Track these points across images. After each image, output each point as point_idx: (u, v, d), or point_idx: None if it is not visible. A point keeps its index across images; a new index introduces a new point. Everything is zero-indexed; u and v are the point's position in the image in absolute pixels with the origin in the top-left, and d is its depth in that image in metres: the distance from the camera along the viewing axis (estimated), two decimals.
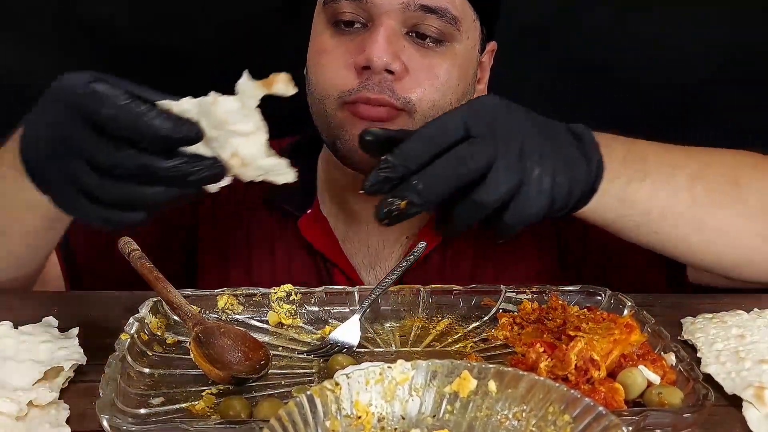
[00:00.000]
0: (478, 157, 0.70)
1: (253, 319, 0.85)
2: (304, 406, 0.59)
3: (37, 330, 0.81)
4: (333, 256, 1.06)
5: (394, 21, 0.93)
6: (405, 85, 0.94)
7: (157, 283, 0.82)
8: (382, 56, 0.92)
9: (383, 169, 0.69)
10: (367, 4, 0.93)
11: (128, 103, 0.64)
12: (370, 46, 0.92)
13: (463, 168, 0.69)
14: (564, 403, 0.60)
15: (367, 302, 0.84)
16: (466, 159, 0.70)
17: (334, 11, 0.96)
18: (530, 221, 0.73)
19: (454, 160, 0.70)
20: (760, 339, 0.79)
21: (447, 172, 0.69)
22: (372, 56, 0.92)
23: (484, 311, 0.87)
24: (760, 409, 0.70)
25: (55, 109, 0.67)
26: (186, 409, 0.70)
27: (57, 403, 0.70)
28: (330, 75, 0.96)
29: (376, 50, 0.92)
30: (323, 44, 0.98)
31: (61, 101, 0.67)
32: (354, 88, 0.94)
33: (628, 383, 0.69)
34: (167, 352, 0.79)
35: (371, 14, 0.94)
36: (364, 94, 0.93)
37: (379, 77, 0.93)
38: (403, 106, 0.94)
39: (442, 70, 0.96)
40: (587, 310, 0.83)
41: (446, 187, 0.69)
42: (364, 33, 0.95)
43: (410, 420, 0.63)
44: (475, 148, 0.70)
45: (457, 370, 0.64)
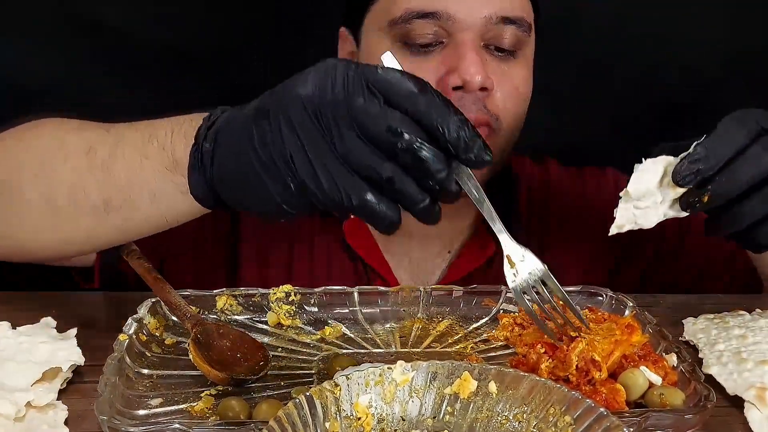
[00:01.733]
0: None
1: (253, 320, 0.85)
2: (304, 407, 0.59)
3: (35, 331, 0.80)
4: (374, 263, 1.04)
5: (474, 35, 0.91)
6: (493, 100, 0.93)
7: (156, 283, 0.82)
8: (477, 75, 0.90)
9: (696, 161, 0.71)
10: (449, 21, 0.91)
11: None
12: (463, 65, 0.90)
13: (761, 167, 0.72)
14: (565, 405, 0.60)
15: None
16: (762, 159, 0.71)
17: (407, 32, 0.92)
18: None
19: (753, 159, 0.72)
20: (762, 339, 0.79)
21: (747, 170, 0.72)
22: (467, 75, 0.90)
23: (484, 312, 0.87)
24: (762, 410, 0.70)
25: (331, 75, 0.62)
26: (185, 410, 0.69)
27: (55, 404, 0.70)
28: None
29: (471, 69, 0.89)
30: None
31: (339, 73, 0.61)
32: None
33: (630, 384, 0.69)
34: (166, 353, 0.79)
35: (450, 31, 0.91)
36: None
37: (473, 96, 0.91)
38: (493, 122, 0.93)
39: (521, 80, 0.96)
40: (588, 310, 0.82)
41: (745, 184, 0.72)
42: (443, 50, 0.93)
43: (410, 421, 0.63)
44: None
45: (458, 371, 0.64)
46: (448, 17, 0.90)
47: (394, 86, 0.60)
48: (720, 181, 0.72)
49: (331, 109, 0.60)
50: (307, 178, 0.61)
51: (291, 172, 0.62)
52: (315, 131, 0.61)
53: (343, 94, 0.60)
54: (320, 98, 0.61)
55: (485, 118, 0.93)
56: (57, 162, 0.77)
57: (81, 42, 1.30)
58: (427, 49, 0.93)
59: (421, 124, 0.60)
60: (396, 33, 0.93)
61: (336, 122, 0.60)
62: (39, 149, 0.80)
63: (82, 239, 0.81)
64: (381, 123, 0.59)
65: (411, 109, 0.60)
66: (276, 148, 0.62)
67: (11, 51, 1.29)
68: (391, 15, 0.93)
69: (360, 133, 0.60)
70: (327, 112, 0.60)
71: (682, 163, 0.71)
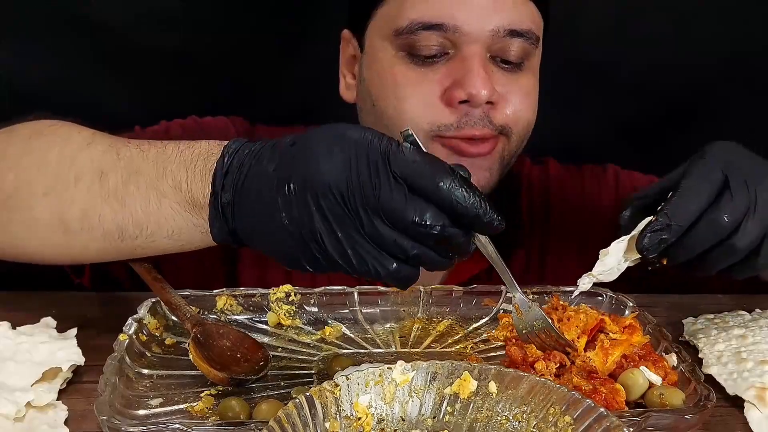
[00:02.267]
0: (737, 212, 0.72)
1: (253, 320, 0.85)
2: (304, 407, 0.59)
3: (35, 331, 0.80)
4: None
5: (481, 48, 0.90)
6: (500, 111, 0.92)
7: (156, 283, 0.82)
8: (483, 89, 0.89)
9: (659, 231, 0.71)
10: (455, 33, 0.89)
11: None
12: (470, 80, 0.89)
13: (724, 227, 0.72)
14: (565, 405, 0.60)
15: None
16: (725, 217, 0.71)
17: (412, 43, 0.91)
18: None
19: (711, 225, 0.72)
20: (761, 339, 0.79)
21: (710, 232, 0.72)
22: (473, 90, 0.89)
23: (484, 312, 0.87)
24: (761, 410, 0.70)
25: (355, 160, 0.64)
26: (185, 411, 0.69)
27: (55, 404, 0.70)
28: (419, 109, 0.92)
29: (478, 84, 0.89)
30: (403, 77, 0.93)
31: (362, 155, 0.63)
32: (452, 123, 0.91)
33: (630, 384, 0.69)
34: (166, 353, 0.79)
35: (457, 43, 0.90)
36: (467, 132, 0.91)
37: (480, 110, 0.91)
38: (501, 131, 0.93)
39: (529, 88, 0.95)
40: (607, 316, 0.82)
41: (708, 243, 0.72)
42: (448, 61, 0.92)
43: (410, 421, 0.63)
44: (734, 204, 0.72)
45: (458, 371, 0.64)
46: (454, 29, 0.89)
47: (417, 173, 0.63)
48: (678, 248, 0.73)
49: (359, 197, 0.63)
50: (338, 257, 0.64)
51: (320, 248, 0.64)
52: (344, 215, 0.63)
53: (369, 185, 0.62)
54: (347, 185, 0.63)
55: (490, 133, 0.92)
56: (68, 182, 0.77)
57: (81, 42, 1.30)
58: (433, 60, 0.92)
59: (442, 207, 0.63)
60: (401, 43, 0.92)
61: (364, 209, 0.63)
62: (50, 164, 0.79)
63: (93, 257, 0.81)
64: (408, 215, 0.62)
65: (434, 197, 0.63)
66: (305, 227, 0.64)
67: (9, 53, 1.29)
68: (396, 24, 0.92)
69: (387, 221, 0.63)
70: (354, 200, 0.63)
71: (645, 235, 0.72)
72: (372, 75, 0.96)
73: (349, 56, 1.02)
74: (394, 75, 0.93)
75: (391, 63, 0.94)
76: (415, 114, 0.92)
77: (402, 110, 0.93)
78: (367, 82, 0.97)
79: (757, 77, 1.35)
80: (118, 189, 0.74)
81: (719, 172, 0.73)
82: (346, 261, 0.64)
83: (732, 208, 0.72)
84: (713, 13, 1.32)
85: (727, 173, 0.73)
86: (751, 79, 1.35)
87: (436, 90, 0.91)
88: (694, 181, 0.73)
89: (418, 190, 0.63)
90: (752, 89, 1.35)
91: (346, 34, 1.02)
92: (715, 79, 1.34)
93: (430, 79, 0.92)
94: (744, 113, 1.35)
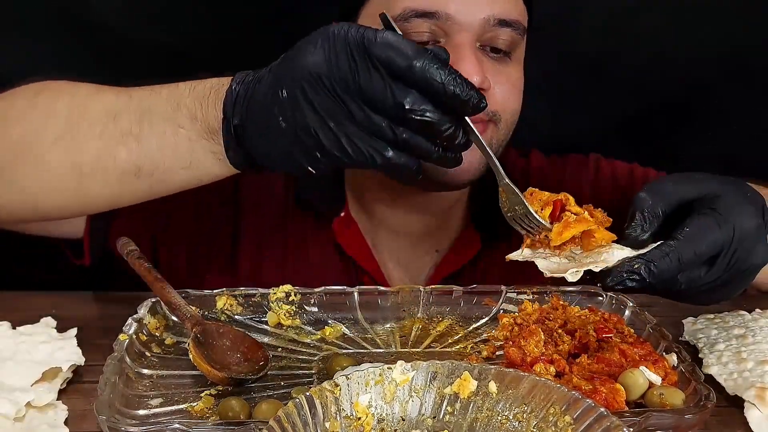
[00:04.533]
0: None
1: (253, 320, 0.85)
2: (304, 407, 0.59)
3: (35, 330, 0.80)
4: (364, 261, 1.05)
5: (471, 36, 0.91)
6: (491, 97, 0.92)
7: (156, 283, 0.82)
8: (476, 76, 0.88)
9: (633, 279, 0.68)
10: (447, 21, 0.90)
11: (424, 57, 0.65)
12: (461, 66, 0.88)
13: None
14: (565, 404, 0.60)
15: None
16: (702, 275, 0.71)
17: (403, 30, 0.87)
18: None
19: (690, 278, 0.70)
20: (762, 339, 0.79)
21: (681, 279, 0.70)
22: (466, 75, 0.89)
23: (484, 312, 0.87)
24: (762, 409, 0.70)
25: (334, 50, 0.67)
26: (185, 410, 0.69)
27: (55, 404, 0.70)
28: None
29: (469, 70, 0.88)
30: None
31: (341, 45, 0.66)
32: None
33: (630, 384, 0.69)
34: (166, 353, 0.79)
35: (448, 31, 0.91)
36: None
37: None
38: (491, 118, 0.94)
39: (516, 78, 0.96)
40: (588, 310, 0.82)
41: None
42: None
43: (410, 421, 0.63)
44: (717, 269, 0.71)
45: (458, 371, 0.64)
46: (447, 17, 0.90)
47: (393, 56, 0.65)
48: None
49: (341, 84, 0.66)
50: (333, 148, 0.68)
51: (317, 143, 0.68)
52: (332, 104, 0.67)
53: (349, 72, 0.66)
54: (329, 73, 0.66)
55: (483, 118, 0.92)
56: (82, 127, 0.79)
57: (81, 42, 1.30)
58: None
59: (423, 91, 0.66)
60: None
61: (349, 95, 0.66)
62: (60, 112, 0.80)
63: (105, 203, 0.83)
64: (388, 99, 0.66)
65: (410, 78, 0.65)
66: (299, 124, 0.68)
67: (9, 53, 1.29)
68: (389, 13, 0.92)
69: (373, 108, 0.66)
70: (338, 87, 0.66)
71: (618, 275, 0.68)
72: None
73: None
74: None
75: None
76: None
77: None
78: None
79: (754, 73, 1.35)
80: (132, 127, 0.77)
81: (721, 239, 0.70)
82: (341, 151, 0.68)
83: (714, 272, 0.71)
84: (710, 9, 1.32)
85: (730, 239, 0.70)
86: (748, 76, 1.35)
87: None
88: (686, 253, 0.69)
89: (397, 72, 0.65)
90: (749, 85, 1.35)
91: None
92: (712, 76, 1.34)
93: None
94: (741, 109, 1.36)
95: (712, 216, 0.71)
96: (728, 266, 0.71)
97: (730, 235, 0.70)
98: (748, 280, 0.74)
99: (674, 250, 0.69)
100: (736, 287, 0.74)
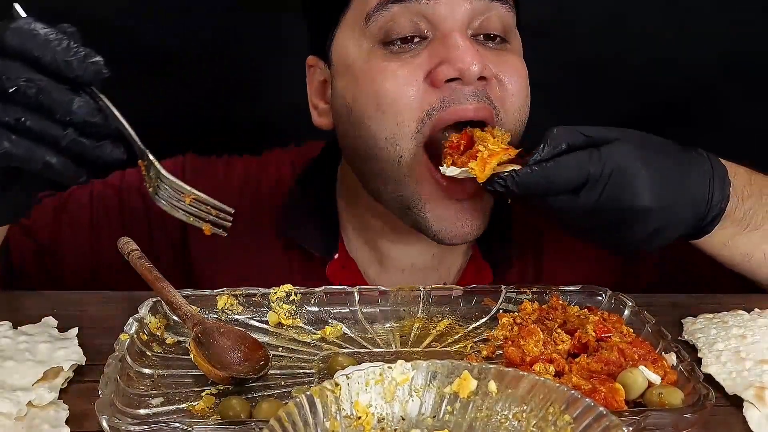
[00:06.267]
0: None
1: (253, 320, 0.85)
2: (304, 406, 0.59)
3: (36, 330, 0.80)
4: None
5: (461, 23, 0.84)
6: (494, 89, 0.86)
7: (157, 283, 0.82)
8: (473, 62, 0.81)
9: (499, 184, 0.76)
10: (431, 3, 0.83)
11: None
12: (456, 54, 0.82)
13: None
14: (564, 404, 0.60)
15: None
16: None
17: (385, 25, 0.85)
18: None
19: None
20: (761, 339, 0.79)
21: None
22: (462, 64, 0.82)
23: (484, 311, 0.87)
24: (761, 409, 0.70)
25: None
26: (185, 410, 0.69)
27: (56, 404, 0.70)
28: (402, 99, 0.84)
29: (466, 57, 0.81)
30: (380, 69, 0.85)
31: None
32: (435, 104, 0.84)
33: (629, 383, 0.69)
34: (167, 353, 0.79)
35: (432, 20, 0.84)
36: (456, 111, 0.84)
37: (471, 87, 0.84)
38: (496, 109, 0.86)
39: (519, 67, 0.89)
40: (587, 310, 0.83)
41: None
42: (428, 45, 0.85)
43: (410, 420, 0.63)
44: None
45: (457, 370, 0.64)
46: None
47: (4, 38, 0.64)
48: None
49: None
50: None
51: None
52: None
53: None
54: None
55: (488, 109, 0.85)
56: None
57: None
58: (410, 46, 0.85)
59: (38, 66, 0.64)
60: (374, 30, 0.86)
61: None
62: None
63: None
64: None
65: (24, 55, 0.64)
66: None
67: None
68: (367, 8, 0.86)
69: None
70: None
71: (498, 179, 0.76)
72: (346, 81, 0.90)
73: (318, 83, 0.96)
74: (370, 69, 0.86)
75: (366, 58, 0.87)
76: (398, 106, 0.84)
77: (383, 105, 0.85)
78: (341, 91, 0.91)
79: (755, 74, 1.36)
80: None
81: (587, 168, 0.75)
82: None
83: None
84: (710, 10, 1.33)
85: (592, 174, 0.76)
86: (748, 76, 1.36)
87: (418, 74, 0.85)
88: (559, 172, 0.75)
89: (12, 54, 0.64)
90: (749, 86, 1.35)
91: (311, 60, 0.97)
92: (712, 76, 1.34)
93: (412, 64, 0.85)
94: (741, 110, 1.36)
95: (589, 150, 0.77)
96: (600, 197, 0.76)
97: (598, 166, 0.75)
98: (639, 226, 0.78)
99: (543, 168, 0.75)
100: (623, 229, 0.78)
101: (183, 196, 0.70)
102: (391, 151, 0.87)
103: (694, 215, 0.81)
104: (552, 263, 1.04)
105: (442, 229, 0.88)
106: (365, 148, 0.89)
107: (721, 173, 0.82)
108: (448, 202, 0.88)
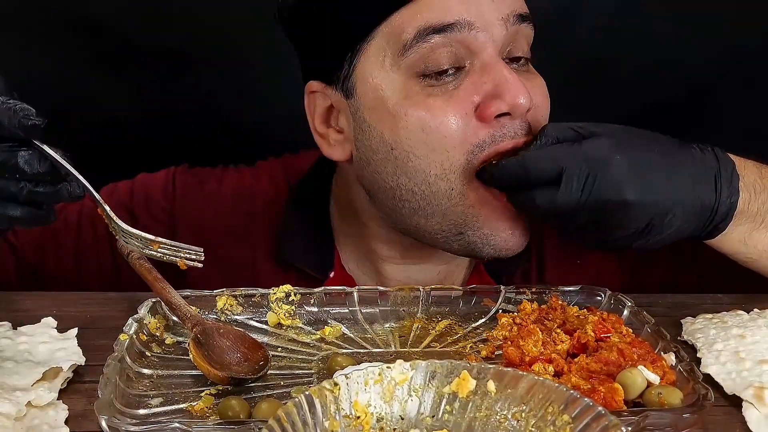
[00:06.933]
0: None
1: (253, 320, 0.85)
2: (303, 406, 0.59)
3: (35, 330, 0.81)
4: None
5: (496, 48, 0.83)
6: (533, 116, 0.85)
7: (156, 283, 0.82)
8: (523, 97, 0.81)
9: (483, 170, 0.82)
10: (470, 31, 0.82)
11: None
12: (507, 89, 0.81)
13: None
14: (563, 403, 0.60)
15: None
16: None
17: (425, 60, 0.82)
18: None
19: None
20: (760, 339, 0.79)
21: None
22: (516, 100, 0.81)
23: (483, 312, 0.87)
24: (760, 409, 0.70)
25: None
26: (185, 410, 0.70)
27: (56, 404, 0.70)
28: (455, 135, 0.83)
29: (518, 93, 0.81)
30: (425, 105, 0.83)
31: None
32: (485, 140, 0.83)
33: (628, 383, 0.69)
34: (166, 353, 0.79)
35: (471, 47, 0.83)
36: (501, 146, 0.83)
37: (519, 120, 0.83)
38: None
39: (544, 88, 0.89)
40: (587, 310, 0.83)
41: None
42: (467, 77, 0.84)
43: (409, 420, 0.63)
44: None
45: (457, 370, 0.64)
46: (468, 26, 0.81)
47: None
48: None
49: None
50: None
51: None
52: None
53: None
54: None
55: (529, 139, 0.84)
56: None
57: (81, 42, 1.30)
58: (447, 78, 0.83)
59: None
60: (411, 62, 0.83)
61: None
62: None
63: None
64: None
65: None
66: None
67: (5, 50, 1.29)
68: (403, 39, 0.82)
69: None
70: None
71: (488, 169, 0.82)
72: (380, 116, 0.85)
73: (323, 110, 0.91)
74: (413, 105, 0.83)
75: (404, 92, 0.84)
76: (448, 143, 0.83)
77: (432, 143, 0.83)
78: (375, 126, 0.86)
79: (754, 75, 1.36)
80: None
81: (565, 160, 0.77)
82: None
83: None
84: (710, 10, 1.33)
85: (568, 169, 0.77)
86: (748, 77, 1.36)
87: (467, 108, 0.83)
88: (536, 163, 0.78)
89: None
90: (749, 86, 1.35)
91: (315, 86, 0.90)
92: (712, 77, 1.34)
93: (457, 98, 0.83)
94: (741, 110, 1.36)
95: (567, 143, 0.79)
96: (582, 190, 0.77)
97: (572, 158, 0.77)
98: (627, 222, 0.78)
99: (523, 156, 0.79)
100: (613, 225, 0.79)
101: (150, 242, 0.72)
102: (442, 186, 0.85)
103: (699, 212, 0.80)
104: (555, 270, 1.03)
105: (498, 243, 0.87)
106: (410, 185, 0.86)
107: (729, 167, 0.81)
108: (505, 217, 0.86)
